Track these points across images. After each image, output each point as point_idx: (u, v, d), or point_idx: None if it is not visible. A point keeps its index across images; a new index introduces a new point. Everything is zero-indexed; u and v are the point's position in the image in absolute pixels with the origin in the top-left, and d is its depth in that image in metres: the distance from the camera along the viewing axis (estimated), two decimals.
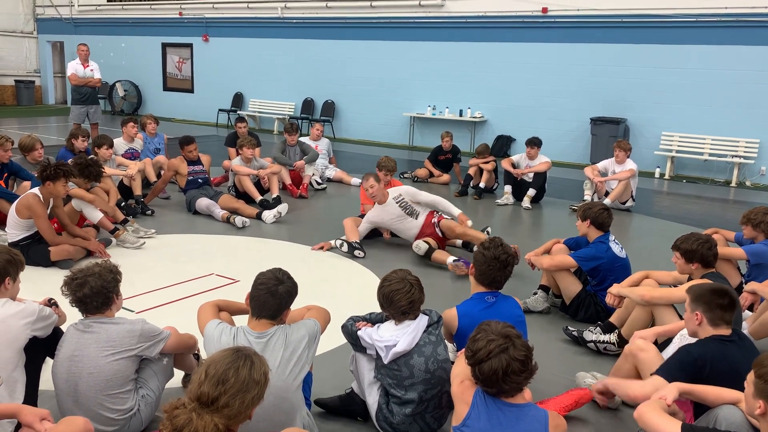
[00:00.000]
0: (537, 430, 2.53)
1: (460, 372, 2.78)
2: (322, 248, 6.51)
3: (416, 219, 6.40)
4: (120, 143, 8.74)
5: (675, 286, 4.31)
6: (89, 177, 6.33)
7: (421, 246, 6.14)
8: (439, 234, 6.36)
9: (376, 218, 6.53)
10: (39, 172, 5.64)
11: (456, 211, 6.46)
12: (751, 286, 4.43)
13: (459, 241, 6.58)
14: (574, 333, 4.52)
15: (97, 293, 3.03)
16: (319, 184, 9.77)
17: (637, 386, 3.07)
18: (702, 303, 3.04)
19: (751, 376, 2.45)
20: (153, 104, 20.20)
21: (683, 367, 2.95)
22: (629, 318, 4.22)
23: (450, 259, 5.97)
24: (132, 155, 8.77)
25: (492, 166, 9.72)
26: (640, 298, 4.09)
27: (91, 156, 7.21)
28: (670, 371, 2.99)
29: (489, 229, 6.38)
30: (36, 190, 5.66)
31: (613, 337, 4.32)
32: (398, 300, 3.13)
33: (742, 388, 2.61)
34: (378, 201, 6.46)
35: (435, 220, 6.40)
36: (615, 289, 4.37)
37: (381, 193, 6.40)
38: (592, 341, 4.39)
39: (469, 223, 6.44)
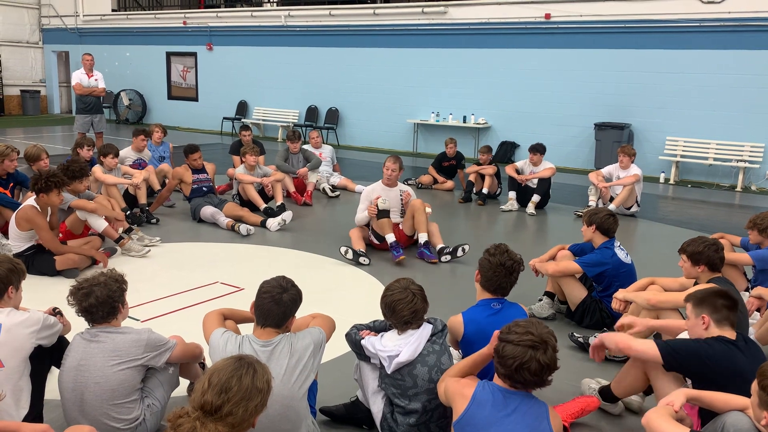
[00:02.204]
0: (540, 414, 2.60)
1: (453, 374, 2.90)
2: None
3: (399, 218, 6.86)
4: (129, 153, 8.79)
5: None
6: (74, 176, 6.31)
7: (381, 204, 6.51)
8: (406, 235, 6.80)
9: (374, 192, 6.82)
10: (31, 185, 5.64)
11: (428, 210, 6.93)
12: (758, 291, 4.41)
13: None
14: (580, 339, 4.51)
15: (102, 303, 3.03)
16: (333, 190, 9.83)
17: (638, 343, 3.18)
18: (707, 305, 3.04)
19: (755, 386, 2.44)
20: (158, 113, 20.29)
21: (686, 350, 3.00)
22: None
23: (390, 238, 6.40)
24: (140, 165, 8.80)
25: (492, 170, 9.65)
26: (646, 302, 4.07)
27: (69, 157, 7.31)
28: (669, 342, 3.09)
29: (466, 247, 6.47)
30: (32, 200, 5.66)
31: None
32: (401, 310, 3.11)
33: (747, 394, 2.59)
34: (389, 184, 6.86)
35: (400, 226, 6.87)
36: (621, 294, 4.35)
37: (395, 180, 6.90)
38: None
39: (428, 209, 6.81)
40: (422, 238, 6.52)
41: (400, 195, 6.88)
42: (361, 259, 6.35)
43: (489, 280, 3.47)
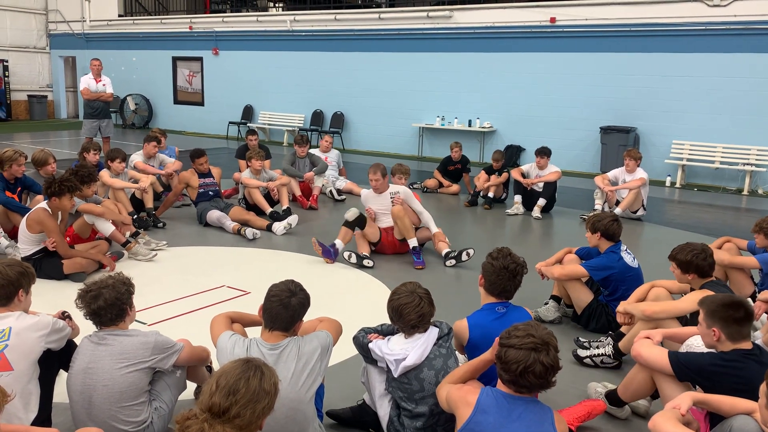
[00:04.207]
0: (544, 419, 2.59)
1: (453, 381, 2.92)
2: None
3: (391, 222, 6.79)
4: (141, 158, 8.81)
5: (682, 295, 4.27)
6: (83, 181, 6.35)
7: (353, 210, 6.63)
8: (398, 240, 6.79)
9: (367, 200, 6.94)
10: (44, 189, 5.70)
11: (434, 229, 6.82)
12: (765, 295, 4.39)
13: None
14: (586, 344, 4.50)
15: (111, 305, 3.05)
16: (339, 193, 9.85)
17: (645, 346, 3.25)
18: (717, 319, 2.96)
19: (763, 387, 2.43)
20: (164, 117, 20.38)
21: (696, 367, 2.99)
22: (630, 332, 4.16)
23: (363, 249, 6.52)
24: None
25: (502, 180, 9.63)
26: (642, 313, 4.03)
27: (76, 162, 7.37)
28: (680, 356, 3.08)
29: (471, 251, 6.50)
30: (44, 204, 5.72)
31: (608, 350, 4.28)
32: (407, 314, 3.11)
33: (755, 399, 2.59)
34: (378, 191, 6.87)
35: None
36: (621, 307, 4.31)
37: (383, 186, 6.88)
38: (587, 357, 4.35)
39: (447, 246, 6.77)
40: (411, 243, 6.58)
41: (391, 198, 6.80)
42: (365, 262, 6.38)
43: (493, 284, 3.47)
